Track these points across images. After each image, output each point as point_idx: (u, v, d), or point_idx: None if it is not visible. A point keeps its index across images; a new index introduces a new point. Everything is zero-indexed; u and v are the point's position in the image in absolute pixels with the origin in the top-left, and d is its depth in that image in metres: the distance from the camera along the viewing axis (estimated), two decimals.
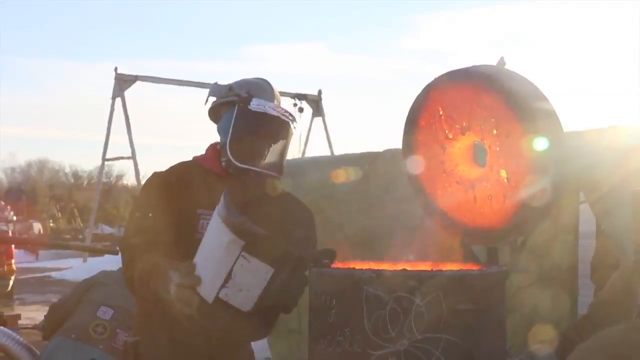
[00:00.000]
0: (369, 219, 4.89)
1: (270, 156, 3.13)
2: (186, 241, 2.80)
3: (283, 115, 3.10)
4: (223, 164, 3.05)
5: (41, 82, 79.47)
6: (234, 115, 3.05)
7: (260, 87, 3.14)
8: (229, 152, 3.02)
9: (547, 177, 2.24)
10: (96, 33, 77.42)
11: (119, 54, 72.50)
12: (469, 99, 2.35)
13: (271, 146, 3.13)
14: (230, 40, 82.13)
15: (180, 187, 2.97)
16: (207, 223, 2.72)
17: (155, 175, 3.07)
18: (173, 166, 3.14)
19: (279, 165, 3.15)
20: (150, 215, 2.86)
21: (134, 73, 16.10)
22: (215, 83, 3.22)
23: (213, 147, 3.15)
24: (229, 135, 3.04)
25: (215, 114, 3.17)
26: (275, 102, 3.17)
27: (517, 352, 2.77)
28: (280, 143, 3.16)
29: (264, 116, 3.04)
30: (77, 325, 4.47)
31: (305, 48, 76.57)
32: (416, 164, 2.56)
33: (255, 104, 3.04)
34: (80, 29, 78.48)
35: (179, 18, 78.01)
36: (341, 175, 5.47)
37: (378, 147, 5.44)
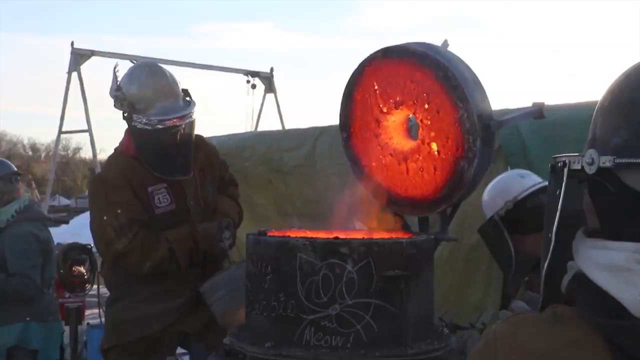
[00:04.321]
0: (315, 190, 4.98)
1: (180, 156, 3.20)
2: (150, 218, 3.18)
3: (170, 121, 3.07)
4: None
5: None
6: (129, 129, 3.21)
7: (142, 93, 3.10)
8: (145, 164, 3.21)
9: (475, 150, 2.34)
10: (52, 7, 76.37)
11: (75, 28, 71.87)
12: (403, 74, 2.43)
13: (176, 149, 3.16)
14: (180, 18, 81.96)
15: (124, 177, 3.10)
16: (161, 196, 3.01)
17: (98, 178, 3.25)
18: (106, 165, 3.33)
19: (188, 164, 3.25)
20: (119, 211, 3.01)
21: (90, 48, 15.92)
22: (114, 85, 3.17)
23: (129, 135, 3.29)
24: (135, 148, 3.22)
25: None
26: (164, 90, 3.11)
27: (449, 316, 2.90)
28: (182, 141, 3.17)
29: (152, 132, 3.09)
30: (49, 308, 4.45)
31: (253, 27, 76.64)
32: (352, 137, 2.65)
33: (139, 122, 3.08)
34: (37, 2, 77.39)
35: None
36: (289, 149, 5.55)
37: (325, 122, 5.53)
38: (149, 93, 3.07)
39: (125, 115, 3.10)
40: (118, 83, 3.13)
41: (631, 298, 0.93)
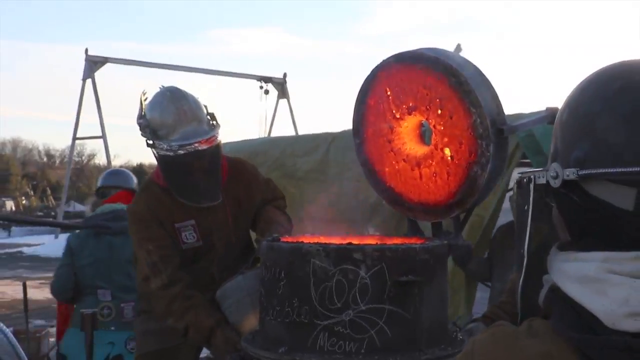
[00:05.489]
0: (329, 196, 4.97)
1: (206, 182, 3.10)
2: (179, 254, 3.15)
3: (191, 147, 2.94)
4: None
5: (14, 64, 79.55)
6: (157, 159, 3.11)
7: (163, 119, 2.98)
8: (173, 191, 3.14)
9: (488, 155, 2.34)
10: (67, 16, 77.29)
11: (90, 36, 72.71)
12: (415, 80, 2.43)
13: (202, 174, 3.05)
14: (192, 25, 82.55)
15: (152, 212, 3.08)
16: (188, 234, 2.98)
17: (129, 210, 3.27)
18: (136, 196, 3.33)
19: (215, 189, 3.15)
20: (150, 248, 3.01)
21: (104, 55, 16.08)
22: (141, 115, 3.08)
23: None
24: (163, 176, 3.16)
25: None
26: (186, 118, 2.98)
27: (462, 323, 2.89)
28: (207, 166, 3.05)
29: (174, 158, 2.97)
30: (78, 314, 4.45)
31: (265, 32, 77.00)
32: (365, 143, 2.65)
33: (161, 149, 2.97)
34: (52, 11, 78.27)
35: (145, 2, 77.94)
36: (302, 155, 5.55)
37: (338, 127, 5.52)
38: (170, 119, 2.98)
39: (149, 142, 3.01)
40: (143, 110, 3.05)
41: (603, 308, 0.93)
